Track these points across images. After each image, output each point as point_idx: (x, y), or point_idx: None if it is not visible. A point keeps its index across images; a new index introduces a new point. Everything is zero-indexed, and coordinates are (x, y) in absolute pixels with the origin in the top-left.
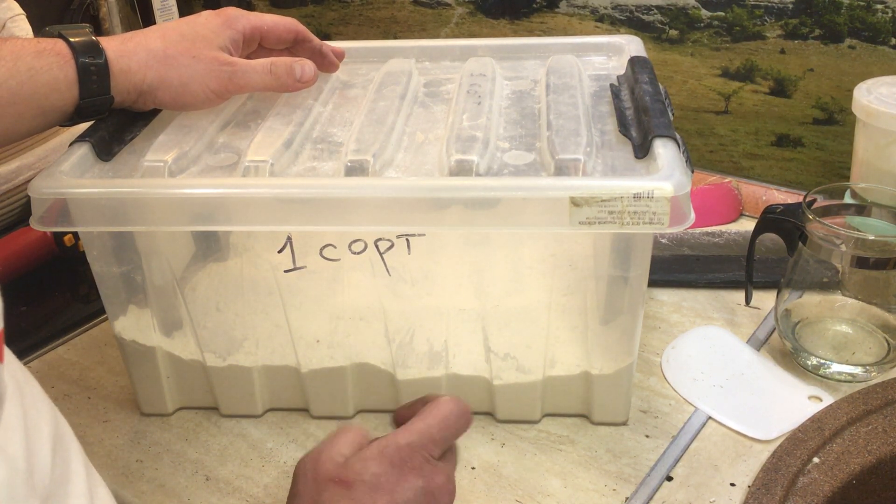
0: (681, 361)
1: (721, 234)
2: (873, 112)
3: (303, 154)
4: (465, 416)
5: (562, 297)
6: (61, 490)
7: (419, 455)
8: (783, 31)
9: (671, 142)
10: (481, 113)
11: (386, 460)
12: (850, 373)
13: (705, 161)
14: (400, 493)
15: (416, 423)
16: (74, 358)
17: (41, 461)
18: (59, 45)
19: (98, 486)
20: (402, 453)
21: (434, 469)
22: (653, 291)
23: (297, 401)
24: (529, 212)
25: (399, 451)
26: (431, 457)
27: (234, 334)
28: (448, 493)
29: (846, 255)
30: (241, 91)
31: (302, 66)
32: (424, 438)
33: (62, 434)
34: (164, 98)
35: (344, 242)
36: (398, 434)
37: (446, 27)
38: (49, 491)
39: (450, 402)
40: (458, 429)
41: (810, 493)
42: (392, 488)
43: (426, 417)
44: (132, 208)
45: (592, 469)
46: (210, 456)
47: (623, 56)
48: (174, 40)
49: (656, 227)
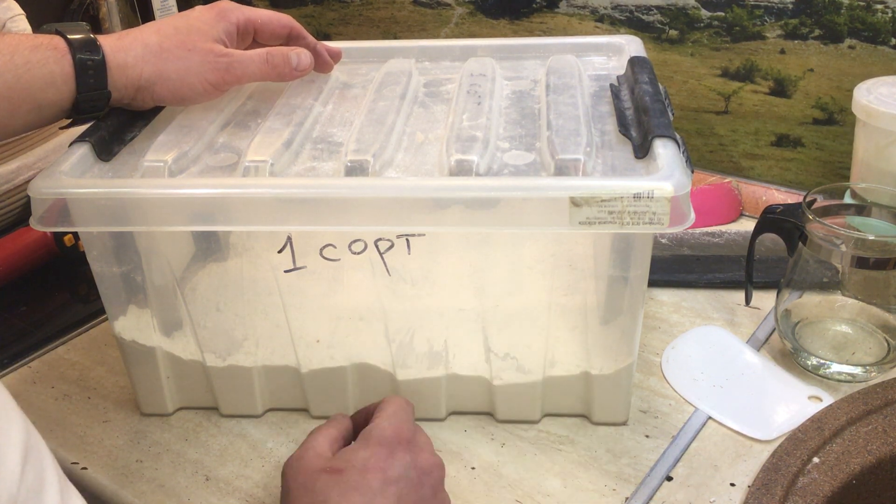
0: (681, 361)
1: (721, 234)
2: (873, 112)
3: (303, 154)
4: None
5: (562, 297)
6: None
7: (402, 433)
8: (783, 31)
9: (671, 142)
10: (481, 113)
11: (373, 442)
12: (850, 373)
13: (705, 161)
14: (391, 469)
15: (383, 412)
16: (74, 358)
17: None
18: (56, 41)
19: (72, 497)
20: (387, 433)
21: (418, 446)
22: (653, 291)
23: (297, 401)
24: (529, 212)
25: (383, 432)
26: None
27: (234, 334)
28: (437, 466)
29: (846, 255)
30: (239, 82)
31: (298, 55)
32: (399, 420)
33: (34, 444)
34: (161, 92)
35: (344, 242)
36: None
37: (446, 27)
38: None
39: (395, 396)
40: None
41: (810, 493)
42: (382, 466)
43: (388, 408)
44: (132, 208)
45: (592, 469)
46: (210, 456)
47: (623, 56)
48: (169, 34)
49: (656, 227)
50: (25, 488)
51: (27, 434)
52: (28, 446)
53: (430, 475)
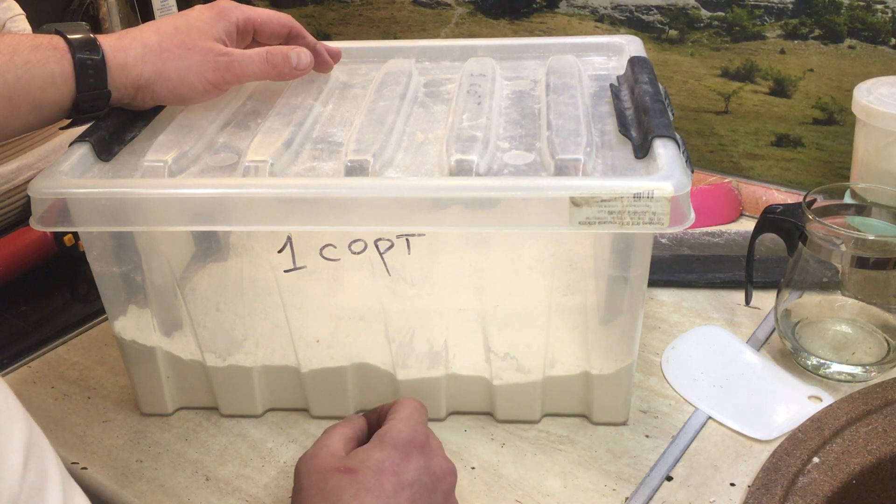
0: (681, 361)
1: (721, 234)
2: (873, 112)
3: (303, 154)
4: (424, 408)
5: (562, 297)
6: (36, 498)
7: (417, 437)
8: (783, 31)
9: (671, 142)
10: (481, 113)
11: (388, 445)
12: (849, 373)
13: (705, 161)
14: (405, 473)
15: (397, 413)
16: (74, 358)
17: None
18: (55, 41)
19: (75, 494)
20: (402, 436)
21: (431, 450)
22: (653, 291)
23: (297, 401)
24: (529, 212)
25: (398, 435)
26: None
27: (234, 334)
28: (450, 471)
29: (846, 255)
30: (239, 81)
31: (298, 54)
32: (415, 422)
33: (37, 442)
34: (161, 92)
35: (344, 242)
36: (390, 423)
37: (446, 27)
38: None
39: (409, 399)
40: (426, 418)
41: (810, 493)
42: (396, 469)
43: (402, 410)
44: (132, 208)
45: (592, 469)
46: (210, 456)
47: (623, 56)
48: (169, 34)
49: (656, 227)
50: (27, 486)
51: (30, 432)
52: (30, 444)
53: (442, 481)
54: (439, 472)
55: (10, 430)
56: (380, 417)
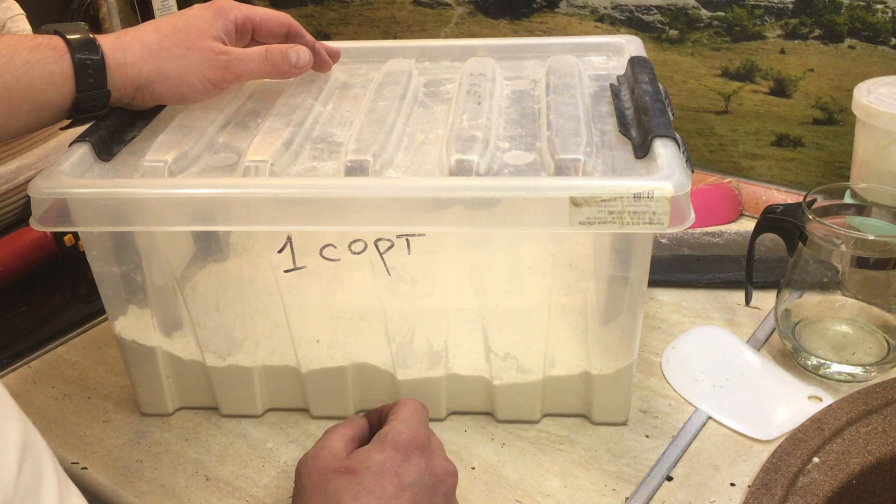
0: (681, 361)
1: (721, 234)
2: (873, 112)
3: (303, 154)
4: (426, 408)
5: (562, 297)
6: (31, 499)
7: (418, 437)
8: (783, 31)
9: (671, 142)
10: (481, 113)
11: (389, 446)
12: (850, 373)
13: (705, 161)
14: (406, 474)
15: (399, 414)
16: (74, 358)
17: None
18: (55, 41)
19: (72, 496)
20: (403, 437)
21: (433, 451)
22: (653, 291)
23: (297, 401)
24: (529, 212)
25: (399, 436)
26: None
27: (234, 334)
28: (451, 473)
29: (846, 255)
30: (238, 79)
31: (297, 53)
32: (416, 423)
33: (33, 443)
34: (161, 91)
35: (344, 242)
36: (391, 424)
37: (446, 27)
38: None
39: (410, 399)
40: (427, 419)
41: (810, 493)
42: (397, 470)
43: (403, 411)
44: (132, 208)
45: (592, 469)
46: (210, 456)
47: (623, 56)
48: (168, 33)
49: (656, 227)
50: (22, 487)
51: (25, 433)
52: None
53: (443, 482)
54: (440, 472)
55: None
56: (381, 418)
